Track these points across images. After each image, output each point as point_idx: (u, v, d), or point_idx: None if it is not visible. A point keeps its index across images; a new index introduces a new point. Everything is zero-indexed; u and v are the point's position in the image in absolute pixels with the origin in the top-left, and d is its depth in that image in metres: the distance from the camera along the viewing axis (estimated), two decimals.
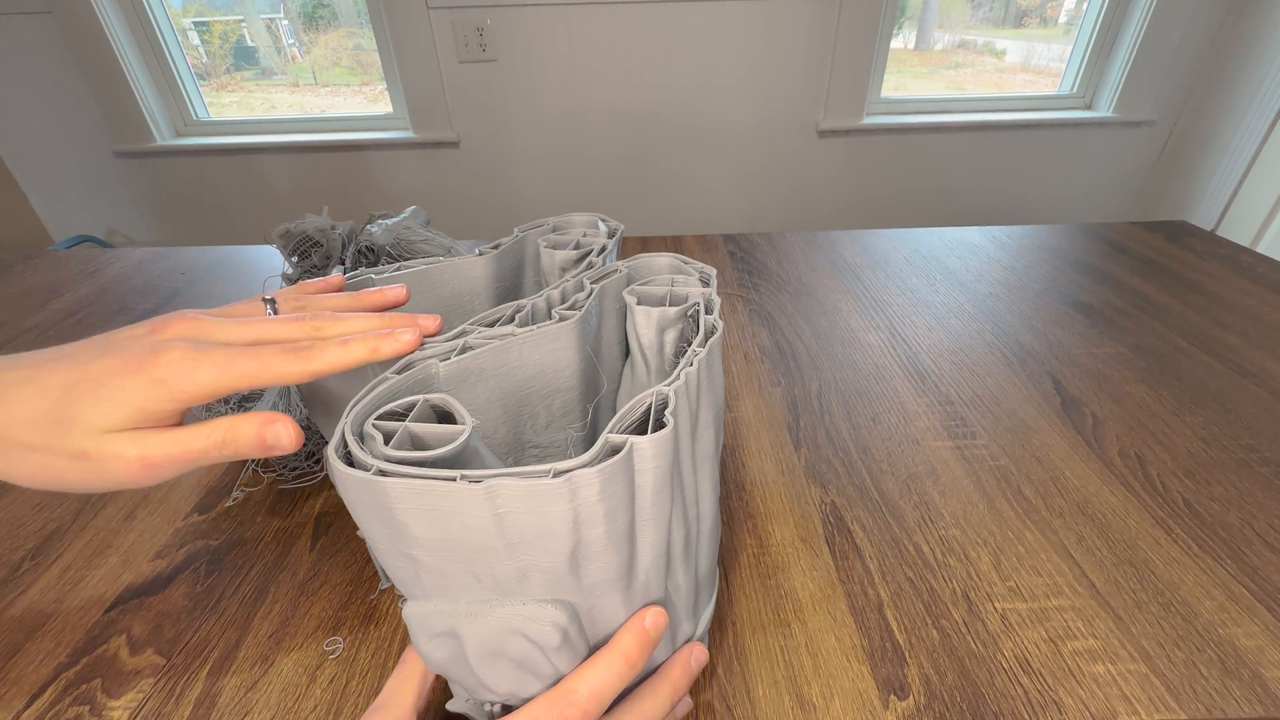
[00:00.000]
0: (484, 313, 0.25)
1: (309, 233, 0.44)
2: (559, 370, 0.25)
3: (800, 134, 1.84)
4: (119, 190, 1.90)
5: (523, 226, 0.33)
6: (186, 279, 0.74)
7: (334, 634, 0.32)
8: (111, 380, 0.21)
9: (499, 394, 0.24)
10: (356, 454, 0.18)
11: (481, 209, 1.95)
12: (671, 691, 0.23)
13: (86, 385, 0.21)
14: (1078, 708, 0.29)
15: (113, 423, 0.21)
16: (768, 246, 0.81)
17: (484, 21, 1.63)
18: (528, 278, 0.34)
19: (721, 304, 0.36)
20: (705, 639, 0.28)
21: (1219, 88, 1.72)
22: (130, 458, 0.22)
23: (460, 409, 0.20)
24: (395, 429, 0.19)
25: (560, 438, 0.27)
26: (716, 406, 0.26)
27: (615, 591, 0.21)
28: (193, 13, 1.81)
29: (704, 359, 0.24)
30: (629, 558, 0.20)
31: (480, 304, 0.31)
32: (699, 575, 0.26)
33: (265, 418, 0.22)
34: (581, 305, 0.26)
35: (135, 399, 0.21)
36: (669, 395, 0.21)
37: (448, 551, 0.19)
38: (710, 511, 0.26)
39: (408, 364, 0.22)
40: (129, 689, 0.30)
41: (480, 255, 0.30)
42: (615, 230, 0.33)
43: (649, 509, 0.20)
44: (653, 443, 0.19)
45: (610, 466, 0.18)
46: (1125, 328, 0.60)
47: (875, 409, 0.49)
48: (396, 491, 0.17)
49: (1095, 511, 0.39)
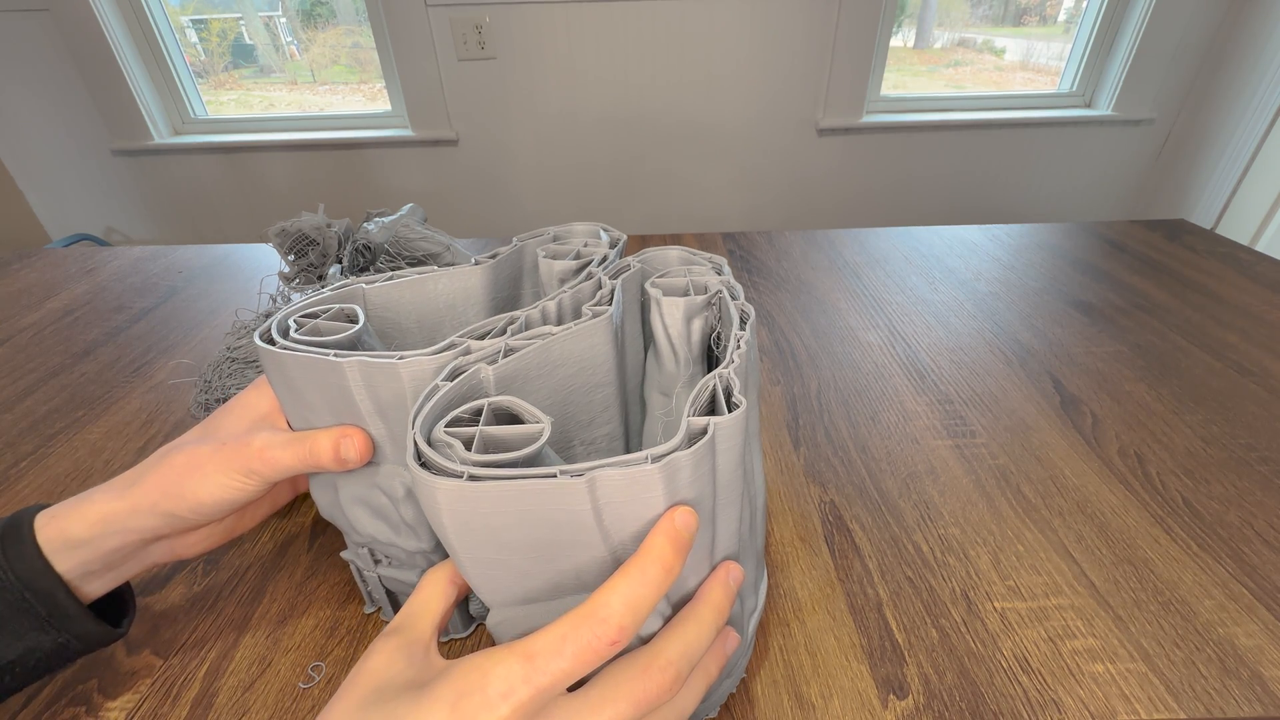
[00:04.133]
0: (472, 325, 0.25)
1: (305, 231, 0.44)
2: (597, 366, 0.26)
3: (800, 132, 1.83)
4: (116, 188, 1.89)
5: (522, 236, 0.33)
6: (184, 277, 0.74)
7: (332, 633, 0.32)
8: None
9: (545, 393, 0.24)
10: (440, 462, 0.18)
11: (480, 207, 1.95)
12: (715, 615, 0.21)
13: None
14: (1077, 707, 0.29)
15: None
16: (767, 245, 0.81)
17: (483, 19, 1.63)
18: (525, 288, 0.34)
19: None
20: (763, 611, 0.31)
21: (1218, 86, 1.72)
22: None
23: (529, 408, 0.20)
24: (469, 434, 0.19)
25: (603, 432, 0.28)
26: (757, 386, 0.27)
27: (699, 572, 0.21)
28: (190, 10, 1.80)
29: (748, 339, 0.25)
30: (711, 539, 0.21)
31: (476, 314, 0.30)
32: (758, 550, 0.28)
33: (339, 432, 0.25)
34: (610, 300, 0.26)
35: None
36: (731, 378, 0.21)
37: (537, 551, 0.19)
38: (763, 487, 0.28)
39: (457, 370, 0.22)
40: (126, 690, 0.30)
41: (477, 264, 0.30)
42: (618, 240, 0.33)
43: (726, 488, 0.20)
44: (731, 422, 0.19)
45: (701, 448, 0.18)
46: (1125, 326, 0.60)
47: (874, 408, 0.49)
48: (492, 495, 0.17)
49: (1094, 510, 0.39)
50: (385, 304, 0.29)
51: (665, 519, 0.19)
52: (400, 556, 0.29)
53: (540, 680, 0.17)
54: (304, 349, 0.23)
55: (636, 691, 0.19)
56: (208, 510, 0.26)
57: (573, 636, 0.18)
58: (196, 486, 0.25)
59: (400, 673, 0.20)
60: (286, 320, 0.25)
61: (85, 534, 0.25)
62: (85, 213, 1.93)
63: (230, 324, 0.63)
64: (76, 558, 0.25)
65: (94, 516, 0.25)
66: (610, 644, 0.18)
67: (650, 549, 0.18)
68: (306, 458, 0.25)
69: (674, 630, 0.21)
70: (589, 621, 0.18)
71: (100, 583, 0.26)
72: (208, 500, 0.25)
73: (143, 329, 0.63)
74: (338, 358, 0.22)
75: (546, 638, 0.18)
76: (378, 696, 0.19)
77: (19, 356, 0.59)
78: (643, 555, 0.18)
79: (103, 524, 0.25)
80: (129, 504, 0.25)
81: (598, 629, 0.18)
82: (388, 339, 0.29)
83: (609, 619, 0.18)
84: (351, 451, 0.24)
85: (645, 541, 0.19)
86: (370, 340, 0.26)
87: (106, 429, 0.48)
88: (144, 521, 0.25)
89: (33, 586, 0.24)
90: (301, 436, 0.25)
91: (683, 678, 0.20)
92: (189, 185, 1.89)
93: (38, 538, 0.24)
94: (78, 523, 0.25)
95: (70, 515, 0.25)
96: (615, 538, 0.19)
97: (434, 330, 0.30)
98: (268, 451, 0.25)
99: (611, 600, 0.18)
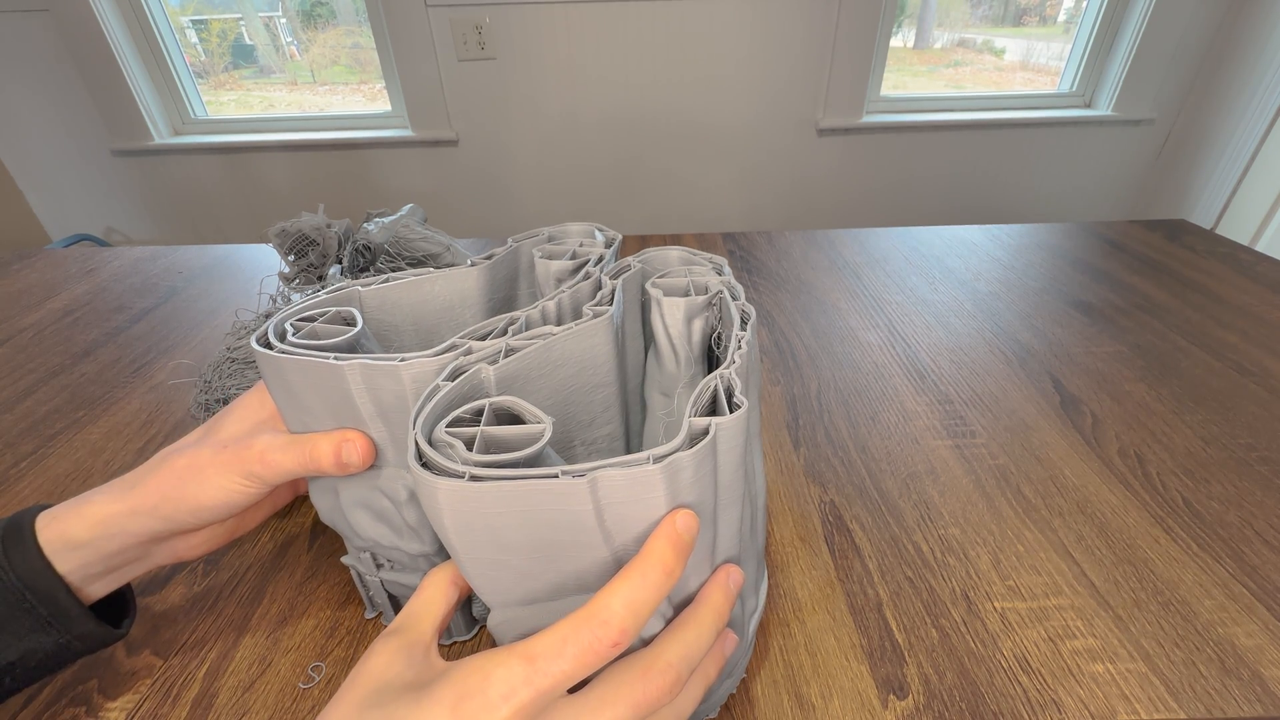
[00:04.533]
0: (473, 326, 0.25)
1: (305, 231, 0.44)
2: (598, 366, 0.26)
3: (799, 132, 1.83)
4: (116, 189, 1.89)
5: (517, 237, 0.33)
6: (184, 278, 0.74)
7: (332, 633, 0.32)
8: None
9: (546, 393, 0.24)
10: (442, 462, 0.18)
11: (480, 207, 1.95)
12: (715, 618, 0.21)
13: None
14: (1077, 707, 0.29)
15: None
16: (767, 245, 0.81)
17: (483, 19, 1.63)
18: (521, 289, 0.34)
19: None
20: (763, 611, 0.31)
21: (1218, 86, 1.72)
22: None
23: (530, 408, 0.20)
24: (470, 435, 0.19)
25: (604, 433, 0.28)
26: (758, 386, 0.27)
27: (700, 573, 0.22)
28: (190, 11, 1.80)
29: (749, 339, 0.25)
30: (712, 539, 0.21)
31: (473, 316, 0.30)
32: (758, 551, 0.28)
33: (340, 436, 0.24)
34: (610, 301, 0.26)
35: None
36: (732, 378, 0.21)
37: (538, 551, 0.19)
38: (763, 488, 0.28)
39: (458, 370, 0.22)
40: (126, 690, 0.30)
41: (473, 266, 0.30)
42: (613, 240, 0.33)
43: (727, 488, 0.20)
44: (733, 423, 0.19)
45: (703, 449, 0.18)
46: (1125, 326, 0.60)
47: (874, 408, 0.49)
48: (494, 495, 0.17)
49: (1094, 510, 0.39)
50: (381, 307, 0.29)
51: (666, 522, 0.19)
52: (403, 560, 0.29)
53: (541, 682, 0.17)
54: (303, 353, 0.23)
55: (636, 694, 0.19)
56: (208, 513, 0.26)
57: (574, 638, 0.18)
58: (197, 489, 0.25)
59: (400, 674, 0.20)
60: (283, 324, 0.25)
61: (86, 535, 0.25)
62: (85, 213, 1.93)
63: (230, 324, 0.63)
64: (77, 559, 0.25)
65: (94, 518, 0.25)
66: (612, 646, 0.18)
67: (651, 552, 0.18)
68: (307, 461, 0.25)
69: (674, 633, 0.20)
70: (590, 623, 0.18)
71: (101, 584, 0.26)
72: (208, 503, 0.25)
73: (143, 329, 0.63)
74: (338, 361, 0.22)
75: (548, 639, 0.18)
76: (377, 698, 0.19)
77: (19, 356, 0.59)
78: (644, 558, 0.18)
79: (103, 525, 0.25)
80: (129, 506, 0.25)
81: (599, 631, 0.18)
82: (384, 341, 0.29)
83: (610, 621, 0.18)
84: (354, 456, 0.24)
85: (646, 544, 0.19)
86: (368, 343, 0.26)
87: (106, 429, 0.48)
88: (144, 524, 0.25)
89: (34, 587, 0.24)
90: (302, 440, 0.25)
91: (683, 680, 0.20)
92: (189, 185, 1.89)
93: (39, 538, 0.24)
94: (78, 524, 0.25)
95: (71, 516, 0.25)
96: (617, 538, 0.19)
97: (431, 333, 0.30)
98: (269, 455, 0.25)
99: (613, 603, 0.18)
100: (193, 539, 0.28)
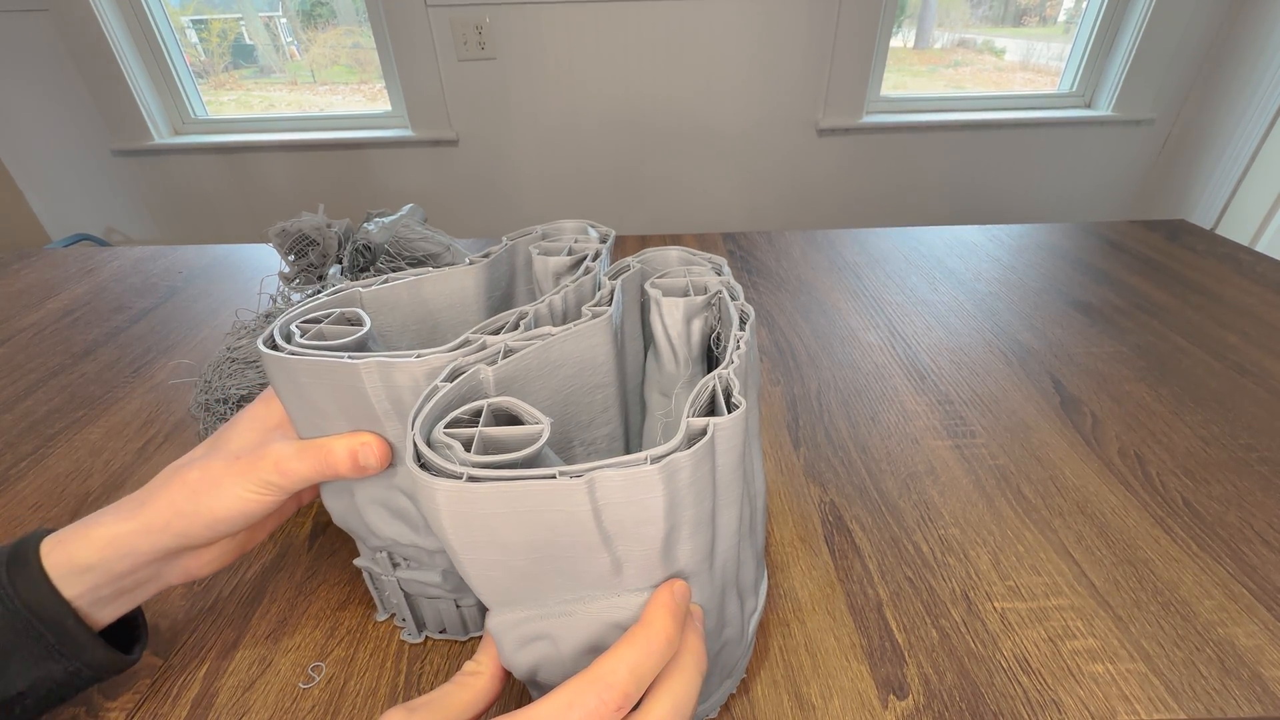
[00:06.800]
0: (484, 321, 0.25)
1: (305, 231, 0.44)
2: (597, 366, 0.26)
3: (800, 132, 1.83)
4: (116, 189, 1.89)
5: (511, 235, 0.33)
6: (184, 278, 0.74)
7: (332, 633, 0.32)
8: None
9: (545, 394, 0.24)
10: (440, 463, 0.18)
11: (480, 207, 1.95)
12: (695, 661, 0.21)
13: None
14: (1077, 707, 0.29)
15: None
16: (767, 245, 0.81)
17: (483, 19, 1.63)
18: (519, 286, 0.34)
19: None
20: (763, 611, 0.31)
21: (1218, 86, 1.72)
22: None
23: (528, 409, 0.20)
24: (469, 435, 0.19)
25: (603, 433, 0.28)
26: (757, 386, 0.27)
27: (700, 574, 0.22)
28: (190, 10, 1.80)
29: (748, 339, 0.25)
30: (711, 539, 0.21)
31: (474, 314, 0.30)
32: (758, 551, 0.28)
33: (356, 439, 0.24)
34: (609, 301, 0.26)
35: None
36: (731, 378, 0.21)
37: (537, 552, 0.19)
38: (763, 488, 0.27)
39: (457, 370, 0.22)
40: (125, 689, 0.30)
41: (471, 265, 0.30)
42: (606, 236, 0.33)
43: (726, 489, 0.21)
44: (731, 423, 0.19)
45: (701, 449, 0.18)
46: (1125, 327, 0.60)
47: (874, 408, 0.49)
48: (492, 496, 0.17)
49: (1094, 511, 0.39)
50: (382, 307, 0.29)
51: (664, 591, 0.20)
52: (421, 557, 0.29)
53: None
54: (316, 353, 0.23)
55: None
56: (224, 525, 0.25)
57: (579, 703, 0.18)
58: (212, 502, 0.25)
59: None
60: (288, 326, 0.24)
61: (93, 558, 0.24)
62: (85, 213, 1.93)
63: (230, 324, 0.63)
64: (85, 583, 0.24)
65: (102, 540, 0.24)
66: (616, 710, 0.18)
67: (652, 621, 0.19)
68: (323, 467, 0.24)
69: (662, 690, 0.20)
70: (596, 686, 0.18)
71: (111, 608, 0.26)
72: (224, 515, 0.25)
73: (143, 329, 0.63)
74: (353, 359, 0.22)
75: (552, 704, 0.18)
76: None
77: (19, 356, 0.59)
78: (646, 626, 0.19)
79: (112, 546, 0.24)
80: (139, 524, 0.25)
81: (605, 694, 0.18)
82: (386, 341, 0.29)
83: (615, 685, 0.18)
84: (371, 459, 0.24)
85: (646, 613, 0.20)
86: (374, 343, 0.26)
87: (106, 429, 0.48)
88: (156, 541, 0.25)
89: (40, 614, 0.23)
90: (317, 444, 0.24)
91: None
92: (189, 185, 1.89)
93: (44, 563, 0.24)
94: (85, 546, 0.24)
95: (77, 539, 0.24)
96: (615, 538, 0.19)
97: (432, 332, 0.30)
98: (284, 462, 0.25)
99: (619, 667, 0.18)
100: (204, 555, 0.28)
